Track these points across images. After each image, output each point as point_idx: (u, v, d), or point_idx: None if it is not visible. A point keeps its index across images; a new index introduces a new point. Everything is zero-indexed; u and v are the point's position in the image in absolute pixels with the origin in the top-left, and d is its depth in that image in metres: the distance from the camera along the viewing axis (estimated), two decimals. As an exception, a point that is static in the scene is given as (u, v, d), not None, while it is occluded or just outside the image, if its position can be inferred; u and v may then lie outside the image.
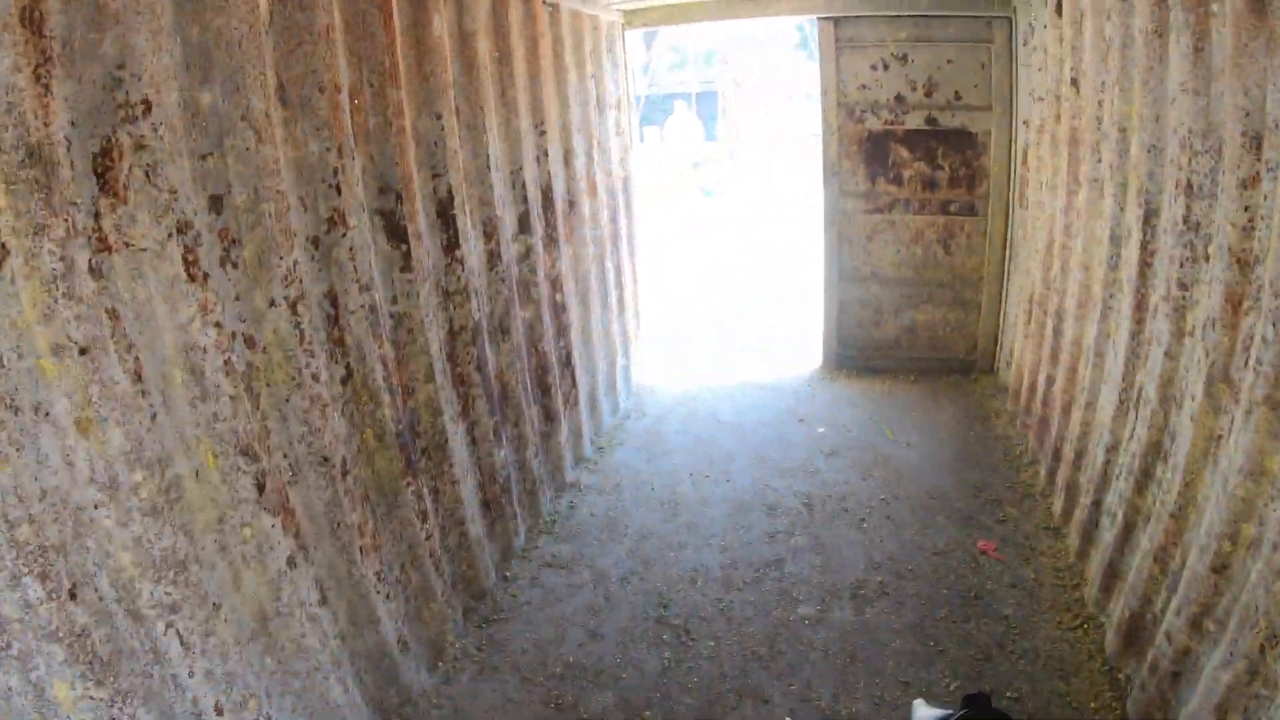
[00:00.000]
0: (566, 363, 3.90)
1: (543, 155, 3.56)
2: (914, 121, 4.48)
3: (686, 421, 4.61)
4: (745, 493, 3.80)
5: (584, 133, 4.06)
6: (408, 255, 2.56)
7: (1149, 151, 2.66)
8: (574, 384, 3.98)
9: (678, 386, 5.14)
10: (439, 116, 2.66)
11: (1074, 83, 3.38)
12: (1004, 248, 4.61)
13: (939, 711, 1.23)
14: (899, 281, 4.81)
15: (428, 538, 2.72)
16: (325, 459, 2.23)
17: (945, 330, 4.87)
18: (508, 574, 3.27)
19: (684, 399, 4.91)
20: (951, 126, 4.46)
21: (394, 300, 2.57)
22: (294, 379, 2.11)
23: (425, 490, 2.72)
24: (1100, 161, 3.15)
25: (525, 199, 3.37)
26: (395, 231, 2.51)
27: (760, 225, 10.38)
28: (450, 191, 2.75)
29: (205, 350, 1.87)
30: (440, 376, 2.77)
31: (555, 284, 3.72)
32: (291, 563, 2.14)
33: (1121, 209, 2.93)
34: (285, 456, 2.15)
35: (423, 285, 2.64)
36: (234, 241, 1.95)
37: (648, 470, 4.08)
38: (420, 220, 2.64)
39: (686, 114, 14.32)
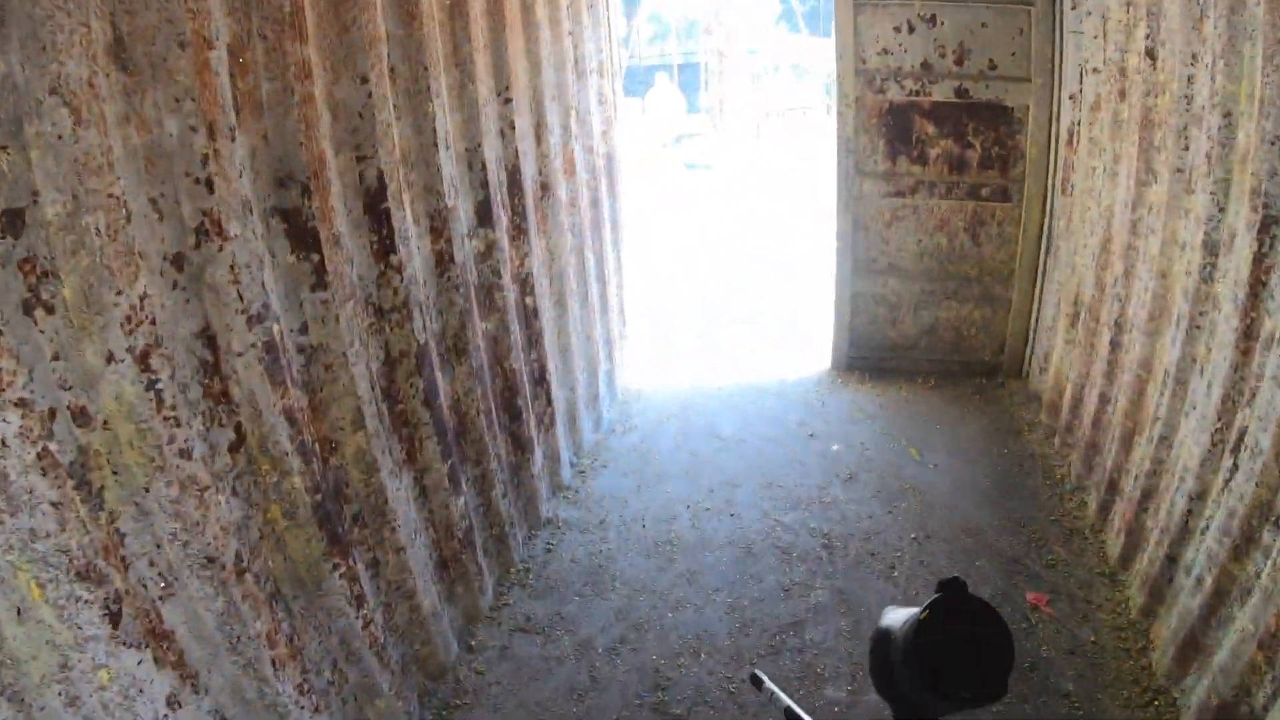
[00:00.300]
0: (540, 378, 3.32)
1: (508, 129, 2.92)
2: (942, 93, 3.88)
3: (681, 437, 4.07)
4: (753, 531, 3.28)
5: (559, 102, 3.41)
6: (321, 267, 1.94)
7: (1271, 144, 2.11)
8: (549, 402, 3.40)
9: (669, 391, 4.58)
10: (365, 80, 2.02)
11: (1150, 54, 2.81)
12: (1039, 238, 4.07)
13: (912, 609, 1.12)
14: (920, 274, 4.26)
15: (366, 624, 2.16)
16: (210, 559, 1.65)
17: (970, 329, 4.36)
18: (473, 643, 2.73)
19: (677, 407, 4.36)
20: (984, 99, 3.87)
21: (303, 329, 1.96)
22: (153, 460, 1.51)
23: (360, 567, 2.15)
24: (1188, 150, 2.60)
25: (485, 183, 2.73)
26: (302, 237, 1.89)
27: (747, 198, 9.84)
28: (382, 178, 2.12)
29: (4, 442, 1.27)
30: (374, 421, 2.17)
31: (525, 285, 3.11)
32: (174, 702, 1.59)
33: (1221, 210, 2.39)
34: (152, 565, 1.56)
35: (344, 305, 2.03)
36: (44, 275, 1.33)
37: (637, 501, 3.54)
38: (339, 219, 2.02)
39: (668, 86, 13.61)
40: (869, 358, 4.50)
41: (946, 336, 4.40)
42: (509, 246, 2.92)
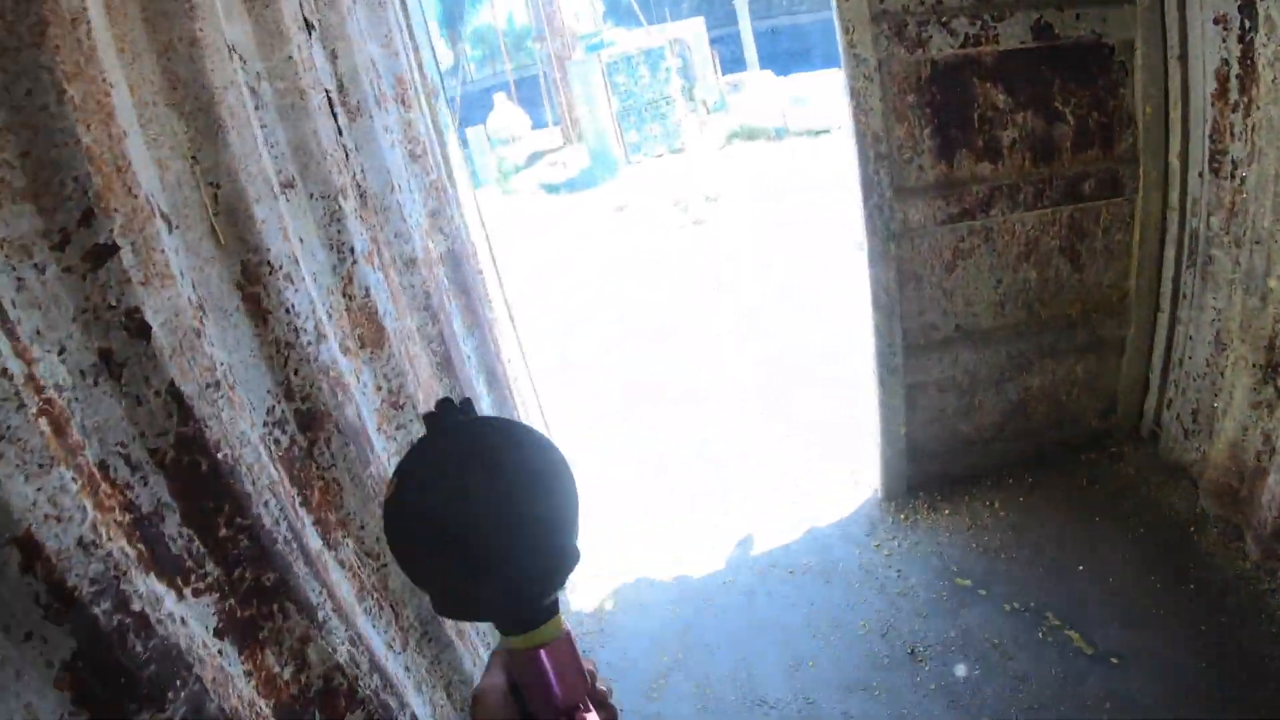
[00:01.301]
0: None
1: (127, 335, 0.96)
2: (1012, 34, 2.27)
3: (702, 712, 2.26)
4: None
5: (313, 189, 1.47)
6: None
7: None
8: None
9: (647, 605, 2.74)
10: None
11: None
12: (1161, 241, 2.60)
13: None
14: (1003, 332, 2.67)
15: None
16: None
17: (1071, 391, 2.84)
18: None
19: (672, 642, 2.53)
20: (1074, 38, 2.31)
21: None
22: None
23: None
24: None
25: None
26: None
27: (617, 200, 8.96)
28: None
29: None
30: None
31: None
32: None
33: None
34: None
35: None
36: None
37: None
38: None
39: (507, 105, 11.77)
40: (935, 470, 2.87)
41: (1039, 410, 2.85)
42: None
